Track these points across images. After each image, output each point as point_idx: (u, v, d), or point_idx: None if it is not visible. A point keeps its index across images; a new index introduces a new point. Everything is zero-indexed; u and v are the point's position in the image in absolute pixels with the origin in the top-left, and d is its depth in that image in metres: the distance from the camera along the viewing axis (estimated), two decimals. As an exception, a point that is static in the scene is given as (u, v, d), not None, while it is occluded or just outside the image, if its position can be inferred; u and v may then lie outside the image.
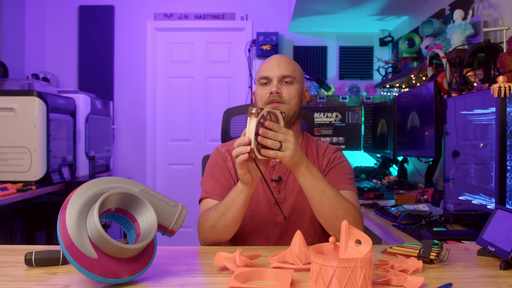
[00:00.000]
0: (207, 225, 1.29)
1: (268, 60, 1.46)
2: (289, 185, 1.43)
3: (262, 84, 1.44)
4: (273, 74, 1.41)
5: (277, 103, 1.39)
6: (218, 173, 1.44)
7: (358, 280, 0.84)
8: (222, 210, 1.25)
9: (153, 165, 4.28)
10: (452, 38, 2.26)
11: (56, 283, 0.95)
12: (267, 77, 1.42)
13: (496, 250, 1.06)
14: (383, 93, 3.95)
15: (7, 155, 2.86)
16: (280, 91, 1.39)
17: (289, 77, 1.41)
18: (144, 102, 4.26)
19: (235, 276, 0.92)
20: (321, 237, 1.45)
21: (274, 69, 1.41)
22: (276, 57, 1.45)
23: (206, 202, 1.40)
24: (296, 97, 1.42)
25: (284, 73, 1.41)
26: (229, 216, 1.24)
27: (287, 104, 1.39)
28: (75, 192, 0.94)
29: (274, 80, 1.41)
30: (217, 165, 1.46)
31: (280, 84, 1.40)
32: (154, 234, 0.95)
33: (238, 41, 4.27)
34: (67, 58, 4.25)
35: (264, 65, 1.45)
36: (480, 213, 1.63)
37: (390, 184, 2.95)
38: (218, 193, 1.39)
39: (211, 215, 1.28)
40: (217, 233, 1.28)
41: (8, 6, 3.64)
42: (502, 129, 1.37)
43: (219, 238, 1.30)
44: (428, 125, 2.35)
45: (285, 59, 1.45)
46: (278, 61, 1.43)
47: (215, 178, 1.43)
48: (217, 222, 1.26)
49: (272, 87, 1.40)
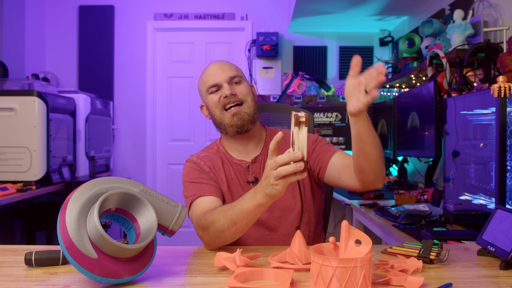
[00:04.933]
0: (213, 229, 1.21)
1: (208, 69, 1.45)
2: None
3: (212, 93, 1.41)
4: (221, 79, 1.40)
5: (236, 106, 1.39)
6: (198, 177, 1.40)
7: (358, 280, 0.84)
8: (234, 219, 1.17)
9: (153, 165, 4.28)
10: (452, 38, 2.26)
11: (56, 283, 0.95)
12: (216, 84, 1.40)
13: (496, 250, 1.06)
14: (383, 93, 3.95)
15: (7, 155, 2.86)
16: (234, 91, 1.39)
17: (236, 77, 1.41)
18: (144, 102, 4.26)
19: (235, 276, 0.92)
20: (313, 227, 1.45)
21: (219, 74, 1.41)
22: (215, 64, 1.45)
23: (198, 202, 1.34)
24: (249, 93, 1.42)
25: (230, 74, 1.41)
26: (242, 225, 1.18)
27: (245, 102, 1.40)
28: (75, 192, 0.94)
29: (224, 84, 1.40)
30: (193, 171, 1.42)
31: (230, 86, 1.40)
32: (154, 234, 0.95)
33: (238, 41, 4.27)
34: (67, 58, 4.25)
35: (206, 74, 1.44)
36: (480, 213, 1.63)
37: (390, 184, 2.95)
38: (207, 190, 1.36)
39: (217, 220, 1.19)
40: (225, 239, 1.22)
41: (8, 6, 3.64)
42: (502, 129, 1.37)
43: (226, 242, 1.24)
44: (428, 125, 2.35)
45: (224, 62, 1.45)
46: (219, 66, 1.43)
47: (196, 181, 1.39)
48: (227, 229, 1.19)
49: (225, 91, 1.38)
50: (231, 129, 1.40)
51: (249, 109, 1.39)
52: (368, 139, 1.17)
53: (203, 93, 1.46)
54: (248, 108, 1.39)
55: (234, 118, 1.38)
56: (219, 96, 1.40)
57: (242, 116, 1.38)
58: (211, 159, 1.45)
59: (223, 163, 1.45)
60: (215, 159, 1.45)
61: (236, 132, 1.40)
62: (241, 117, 1.38)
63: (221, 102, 1.39)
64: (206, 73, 1.45)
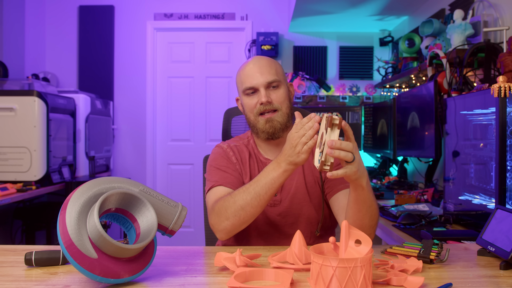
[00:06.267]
0: (232, 209, 1.22)
1: (247, 68, 1.41)
2: (285, 188, 1.42)
3: (249, 95, 1.40)
4: (258, 83, 1.38)
5: (270, 112, 1.38)
6: (224, 165, 1.42)
7: (358, 280, 0.84)
8: (258, 191, 1.20)
9: (153, 165, 4.28)
10: (452, 38, 2.26)
11: (56, 283, 0.95)
12: (252, 87, 1.39)
13: (496, 250, 1.06)
14: (383, 93, 3.95)
15: (7, 155, 2.86)
16: (270, 99, 1.37)
17: (275, 81, 1.38)
18: (144, 102, 4.26)
19: (235, 276, 0.92)
20: (318, 237, 1.44)
21: (258, 77, 1.38)
22: (255, 63, 1.40)
23: (217, 190, 1.34)
24: (286, 99, 1.40)
25: (269, 79, 1.37)
26: (266, 197, 1.21)
27: (279, 110, 1.39)
28: (75, 192, 0.94)
29: (261, 88, 1.37)
30: (221, 159, 1.44)
31: (267, 91, 1.38)
32: (154, 234, 0.95)
33: (238, 41, 4.27)
34: (67, 58, 4.25)
35: (245, 73, 1.41)
36: (480, 213, 1.63)
37: (390, 184, 2.95)
38: (230, 181, 1.37)
39: (239, 198, 1.22)
40: (245, 215, 1.23)
41: (8, 6, 3.64)
42: (502, 129, 1.37)
43: (246, 221, 1.24)
44: (428, 125, 2.35)
45: (264, 63, 1.40)
46: (259, 67, 1.38)
47: (222, 169, 1.41)
48: (249, 203, 1.21)
49: (261, 98, 1.37)
50: (263, 134, 1.40)
51: (282, 118, 1.39)
52: (362, 208, 1.17)
53: (239, 90, 1.45)
54: (281, 117, 1.39)
55: (267, 125, 1.38)
56: (255, 102, 1.39)
57: (275, 124, 1.38)
58: (240, 151, 1.47)
59: (250, 156, 1.46)
60: (243, 151, 1.47)
61: (266, 138, 1.41)
62: (273, 125, 1.38)
63: (257, 109, 1.39)
64: (244, 71, 1.42)
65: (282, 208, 1.41)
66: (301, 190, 1.41)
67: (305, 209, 1.41)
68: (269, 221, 1.41)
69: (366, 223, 1.19)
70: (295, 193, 1.41)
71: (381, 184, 3.09)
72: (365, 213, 1.18)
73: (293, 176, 1.41)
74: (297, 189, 1.41)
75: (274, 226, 1.41)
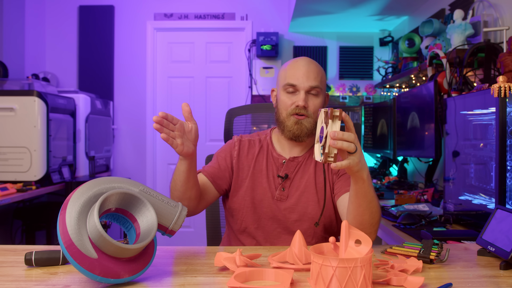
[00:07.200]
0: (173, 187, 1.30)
1: (295, 65, 1.42)
2: (294, 184, 1.43)
3: (288, 92, 1.41)
4: (301, 85, 1.38)
5: (301, 116, 1.39)
6: (221, 157, 1.49)
7: (358, 280, 0.84)
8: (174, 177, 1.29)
9: (153, 165, 4.28)
10: (452, 38, 2.26)
11: (56, 283, 0.95)
12: (294, 86, 1.39)
13: (496, 250, 1.06)
14: (383, 93, 3.95)
15: (7, 155, 2.86)
16: (307, 104, 1.38)
17: (316, 88, 1.39)
18: (144, 102, 4.26)
19: (235, 276, 0.92)
20: (320, 239, 1.45)
21: (303, 79, 1.38)
22: (305, 65, 1.41)
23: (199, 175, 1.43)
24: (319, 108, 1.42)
25: (312, 84, 1.38)
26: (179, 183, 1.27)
27: (310, 117, 1.40)
28: (75, 192, 0.94)
29: (302, 91, 1.38)
30: (223, 151, 1.51)
31: (306, 96, 1.39)
32: (154, 234, 0.95)
33: (238, 41, 4.27)
34: (67, 58, 4.25)
35: (291, 71, 1.41)
36: (480, 213, 1.63)
37: (390, 184, 2.95)
38: (210, 171, 1.44)
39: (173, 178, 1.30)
40: (179, 191, 1.29)
41: (8, 6, 3.64)
42: (502, 129, 1.37)
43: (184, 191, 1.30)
44: (428, 125, 2.35)
45: (313, 67, 1.41)
46: (307, 70, 1.39)
47: (216, 159, 1.49)
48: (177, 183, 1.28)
49: (298, 100, 1.38)
50: (289, 133, 1.42)
51: (310, 124, 1.40)
52: (363, 202, 1.16)
53: (280, 84, 1.45)
54: (310, 124, 1.40)
55: (295, 126, 1.40)
56: (292, 101, 1.40)
57: (302, 128, 1.40)
58: (251, 146, 1.50)
59: (260, 151, 1.49)
60: (254, 146, 1.50)
61: (290, 138, 1.43)
62: (301, 128, 1.40)
63: (291, 109, 1.40)
64: (291, 67, 1.42)
65: (288, 203, 1.42)
66: (309, 190, 1.43)
67: (310, 208, 1.41)
68: (273, 215, 1.42)
69: (366, 219, 1.19)
70: (304, 191, 1.42)
71: (381, 184, 3.09)
72: (366, 208, 1.17)
73: (303, 175, 1.44)
74: (306, 187, 1.43)
75: (277, 221, 1.43)
